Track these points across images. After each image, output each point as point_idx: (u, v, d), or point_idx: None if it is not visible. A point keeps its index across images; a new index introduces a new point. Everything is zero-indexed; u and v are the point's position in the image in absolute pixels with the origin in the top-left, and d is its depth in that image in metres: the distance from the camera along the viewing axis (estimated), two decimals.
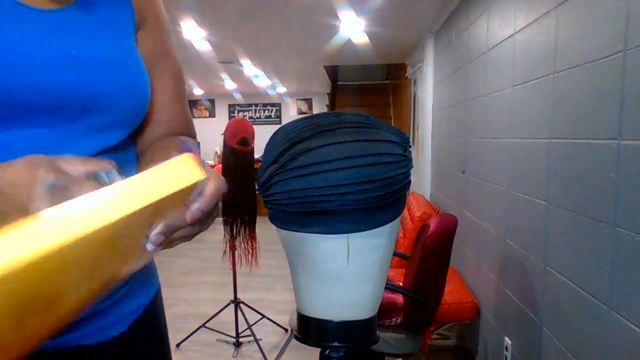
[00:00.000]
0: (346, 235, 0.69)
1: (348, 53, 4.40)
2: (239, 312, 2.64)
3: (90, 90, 0.54)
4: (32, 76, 0.49)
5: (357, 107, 6.98)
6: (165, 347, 0.73)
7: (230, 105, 8.77)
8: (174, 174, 0.40)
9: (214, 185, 0.46)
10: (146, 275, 0.69)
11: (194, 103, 8.72)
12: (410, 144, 0.97)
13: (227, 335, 2.71)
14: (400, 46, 4.25)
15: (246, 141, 2.42)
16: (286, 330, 2.83)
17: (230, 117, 8.64)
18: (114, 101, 0.57)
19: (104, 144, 0.57)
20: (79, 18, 0.56)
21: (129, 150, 0.65)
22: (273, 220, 0.75)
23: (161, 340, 0.69)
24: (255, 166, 2.40)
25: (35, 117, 0.51)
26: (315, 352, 0.76)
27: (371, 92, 7.22)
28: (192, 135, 0.75)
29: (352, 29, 3.48)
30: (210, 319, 2.76)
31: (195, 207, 0.44)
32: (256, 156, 3.72)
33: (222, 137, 2.44)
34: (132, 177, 0.38)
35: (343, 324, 0.73)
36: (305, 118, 0.73)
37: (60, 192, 0.36)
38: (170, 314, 3.26)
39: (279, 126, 0.75)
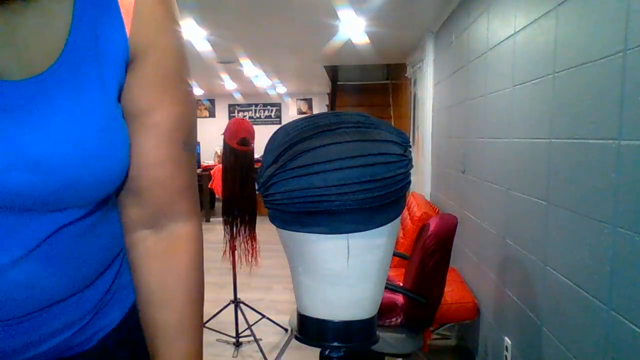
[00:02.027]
0: (346, 235, 0.69)
1: (348, 53, 4.40)
2: (239, 312, 2.64)
3: (49, 189, 0.45)
4: None
5: (357, 107, 6.99)
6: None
7: (230, 105, 8.77)
8: None
9: None
10: (122, 288, 0.65)
11: None
12: (410, 144, 0.97)
13: (227, 335, 2.71)
14: (400, 46, 4.25)
15: (246, 141, 2.42)
16: (286, 330, 2.83)
17: (230, 117, 8.64)
18: (77, 194, 0.48)
19: (62, 221, 0.50)
20: (51, 89, 0.45)
21: (98, 215, 0.56)
22: (273, 220, 0.75)
23: (138, 354, 0.63)
24: (255, 166, 2.40)
25: None
26: (315, 352, 0.76)
27: (371, 92, 7.22)
28: (188, 215, 0.60)
29: (352, 29, 3.48)
30: (210, 319, 2.76)
31: None
32: (256, 156, 3.73)
33: (222, 137, 2.44)
34: None
35: (343, 324, 0.73)
36: (305, 118, 0.73)
37: None
38: None
39: (279, 126, 0.75)
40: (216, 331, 2.73)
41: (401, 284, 2.05)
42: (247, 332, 2.62)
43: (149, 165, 0.54)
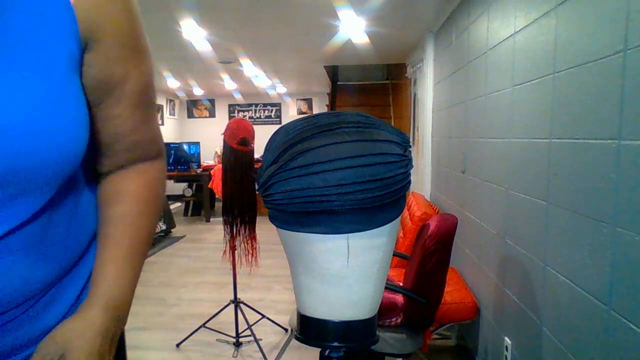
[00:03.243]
0: (346, 235, 0.69)
1: (348, 53, 4.40)
2: (239, 312, 2.64)
3: None
4: None
5: (357, 107, 6.99)
6: None
7: (230, 105, 8.77)
8: None
9: None
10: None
11: (194, 103, 8.72)
12: (410, 144, 0.97)
13: (227, 335, 2.71)
14: (400, 46, 4.25)
15: (246, 141, 2.42)
16: (286, 330, 2.83)
17: (230, 117, 8.64)
18: (30, 174, 0.45)
19: (21, 214, 0.48)
20: None
21: (61, 206, 0.55)
22: (273, 220, 0.75)
23: None
24: (255, 166, 2.40)
25: None
26: (315, 352, 0.76)
27: (371, 92, 7.22)
28: (156, 155, 0.66)
29: (352, 29, 3.48)
30: (210, 319, 2.76)
31: None
32: (256, 156, 3.73)
33: (222, 137, 2.44)
34: None
35: (343, 324, 0.73)
36: (305, 118, 0.73)
37: None
38: (170, 314, 3.27)
39: (279, 126, 0.75)
40: (216, 331, 2.73)
41: (401, 284, 2.05)
42: (247, 332, 2.62)
43: (126, 133, 0.59)
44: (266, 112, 8.75)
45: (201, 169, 6.67)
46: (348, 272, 0.71)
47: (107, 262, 0.58)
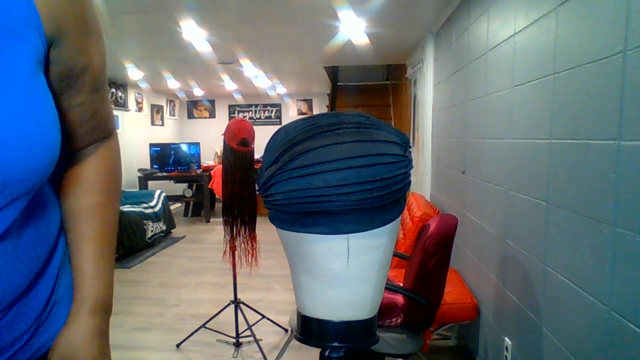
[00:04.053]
0: (346, 235, 0.69)
1: (348, 53, 4.40)
2: (239, 313, 2.64)
3: None
4: None
5: (357, 108, 6.99)
6: None
7: (230, 106, 8.77)
8: None
9: None
10: (57, 306, 0.61)
11: (194, 103, 8.72)
12: (410, 144, 0.97)
13: (227, 335, 2.71)
14: (400, 47, 4.25)
15: (246, 142, 2.42)
16: (286, 330, 2.82)
17: (230, 118, 8.64)
18: (4, 186, 0.43)
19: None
20: None
21: (29, 209, 0.54)
22: (273, 220, 0.75)
23: None
24: (255, 166, 2.40)
25: None
26: (315, 352, 0.76)
27: (371, 93, 7.22)
28: (109, 135, 0.67)
29: (352, 30, 3.49)
30: (210, 319, 2.76)
31: None
32: (256, 156, 3.73)
33: (222, 137, 2.44)
34: None
35: (343, 324, 0.73)
36: (305, 118, 0.74)
37: None
38: (170, 314, 3.27)
39: (279, 127, 0.75)
40: (216, 331, 2.73)
41: (401, 284, 2.05)
42: (247, 333, 2.62)
43: (87, 119, 0.60)
44: (266, 112, 8.75)
45: (201, 170, 6.67)
46: (348, 272, 0.71)
47: (84, 262, 0.60)
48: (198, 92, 7.96)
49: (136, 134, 6.64)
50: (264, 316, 2.85)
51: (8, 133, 0.41)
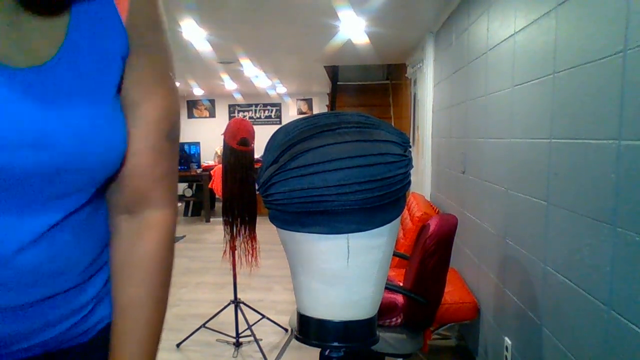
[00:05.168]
0: (346, 235, 0.69)
1: (348, 53, 4.40)
2: (239, 312, 2.64)
3: (54, 167, 0.48)
4: None
5: (357, 107, 6.99)
6: None
7: (230, 106, 8.77)
8: None
9: None
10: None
11: (194, 103, 8.72)
12: (410, 144, 0.97)
13: (227, 335, 2.71)
14: (400, 46, 4.25)
15: (246, 141, 2.42)
16: (286, 330, 2.83)
17: (230, 117, 8.64)
18: (80, 174, 0.51)
19: (67, 208, 0.54)
20: (55, 78, 0.49)
21: (96, 203, 0.60)
22: (273, 220, 0.75)
23: None
24: (255, 166, 2.40)
25: None
26: (315, 352, 0.76)
27: (371, 92, 7.22)
28: (164, 203, 0.62)
29: (352, 29, 3.49)
30: (210, 319, 2.76)
31: None
32: (256, 156, 3.73)
33: (222, 137, 2.44)
34: None
35: (343, 324, 0.73)
36: (305, 118, 0.74)
37: None
38: (170, 314, 3.26)
39: (279, 126, 0.75)
40: (216, 331, 2.73)
41: (401, 284, 2.05)
42: (247, 332, 2.62)
43: (134, 154, 0.58)
44: (266, 112, 8.75)
45: (201, 169, 6.67)
46: (348, 272, 0.71)
47: None
48: (198, 92, 7.97)
49: None
50: (264, 316, 2.85)
51: (94, 134, 0.51)
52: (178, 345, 2.64)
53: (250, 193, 2.47)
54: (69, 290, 0.57)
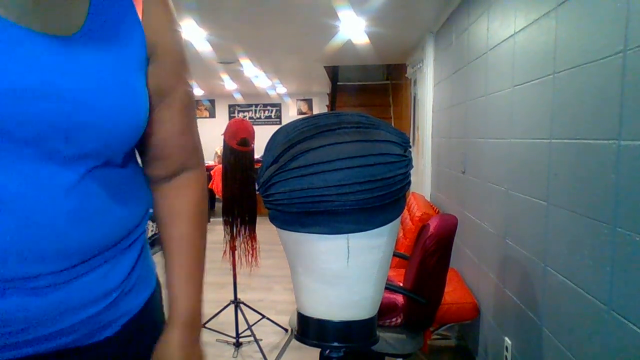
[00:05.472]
0: (346, 235, 0.69)
1: (348, 53, 4.40)
2: (239, 313, 2.64)
3: (73, 120, 0.53)
4: (17, 106, 0.49)
5: (357, 107, 6.99)
6: None
7: (230, 106, 8.77)
8: None
9: None
10: (143, 276, 0.69)
11: None
12: (410, 144, 0.97)
13: (227, 335, 2.71)
14: (400, 46, 4.25)
15: (246, 141, 2.42)
16: (286, 330, 2.83)
17: (230, 118, 8.64)
18: (98, 134, 0.56)
19: (91, 164, 0.58)
20: (82, 47, 0.55)
21: (128, 167, 0.66)
22: (273, 220, 0.75)
23: (156, 340, 0.70)
24: (255, 166, 2.40)
25: (19, 148, 0.51)
26: (315, 352, 0.76)
27: (371, 92, 7.22)
28: (196, 165, 0.75)
29: (352, 29, 3.49)
30: (211, 319, 2.76)
31: None
32: (256, 156, 3.72)
33: (222, 137, 2.44)
34: None
35: (343, 324, 0.73)
36: (305, 118, 0.74)
37: None
38: None
39: (279, 126, 0.76)
40: (216, 331, 2.73)
41: (401, 284, 2.05)
42: (247, 333, 2.62)
43: (175, 134, 0.69)
44: (266, 112, 8.75)
45: None
46: (348, 272, 0.71)
47: (175, 285, 0.71)
48: (198, 92, 7.97)
49: None
50: (264, 316, 2.85)
51: (120, 105, 0.57)
52: None
53: (250, 193, 2.47)
54: (101, 265, 0.60)
